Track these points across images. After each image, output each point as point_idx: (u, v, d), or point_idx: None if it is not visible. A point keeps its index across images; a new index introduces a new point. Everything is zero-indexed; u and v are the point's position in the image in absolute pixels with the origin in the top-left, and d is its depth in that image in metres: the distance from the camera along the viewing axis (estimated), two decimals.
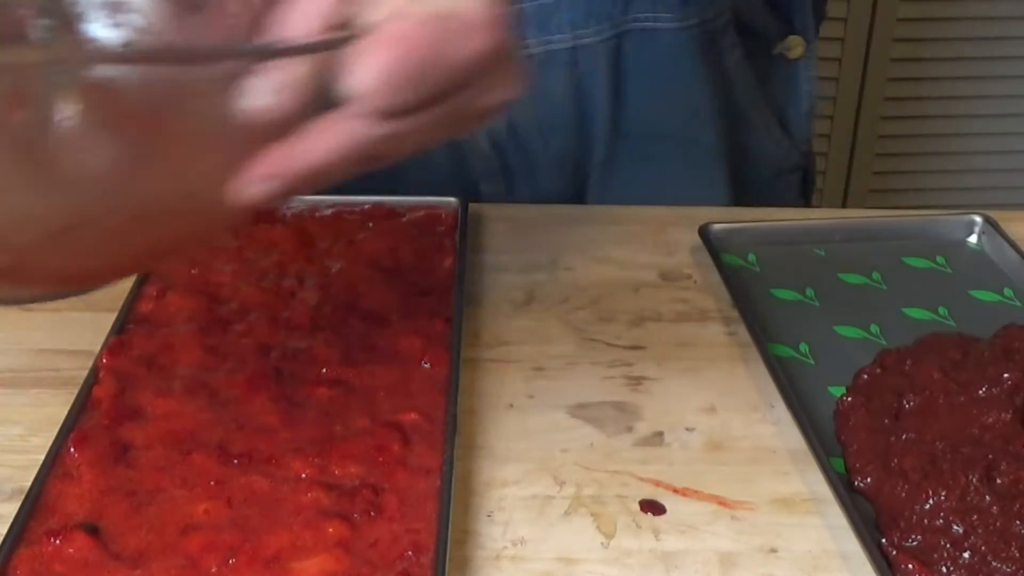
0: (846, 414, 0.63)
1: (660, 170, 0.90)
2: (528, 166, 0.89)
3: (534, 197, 0.89)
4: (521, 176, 0.89)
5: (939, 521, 0.54)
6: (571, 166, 0.90)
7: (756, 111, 0.92)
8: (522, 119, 0.86)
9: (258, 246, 0.77)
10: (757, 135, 0.93)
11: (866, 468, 0.59)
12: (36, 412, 0.64)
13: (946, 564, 0.53)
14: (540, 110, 0.86)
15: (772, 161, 0.95)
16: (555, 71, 0.85)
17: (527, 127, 0.87)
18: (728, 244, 0.80)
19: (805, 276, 0.77)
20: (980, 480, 0.55)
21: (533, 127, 0.87)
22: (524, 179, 0.89)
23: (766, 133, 0.93)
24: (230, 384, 0.63)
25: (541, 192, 0.90)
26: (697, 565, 0.55)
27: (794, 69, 0.93)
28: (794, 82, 0.93)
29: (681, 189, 0.89)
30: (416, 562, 0.52)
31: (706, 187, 0.91)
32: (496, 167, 0.89)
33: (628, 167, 0.89)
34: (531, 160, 0.88)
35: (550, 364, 0.69)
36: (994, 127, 2.08)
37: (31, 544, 0.53)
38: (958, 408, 0.61)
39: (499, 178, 0.89)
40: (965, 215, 0.82)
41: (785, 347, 0.70)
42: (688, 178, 0.90)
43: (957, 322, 0.72)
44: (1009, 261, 0.78)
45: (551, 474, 0.60)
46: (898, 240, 0.81)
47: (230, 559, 0.52)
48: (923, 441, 0.59)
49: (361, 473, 0.57)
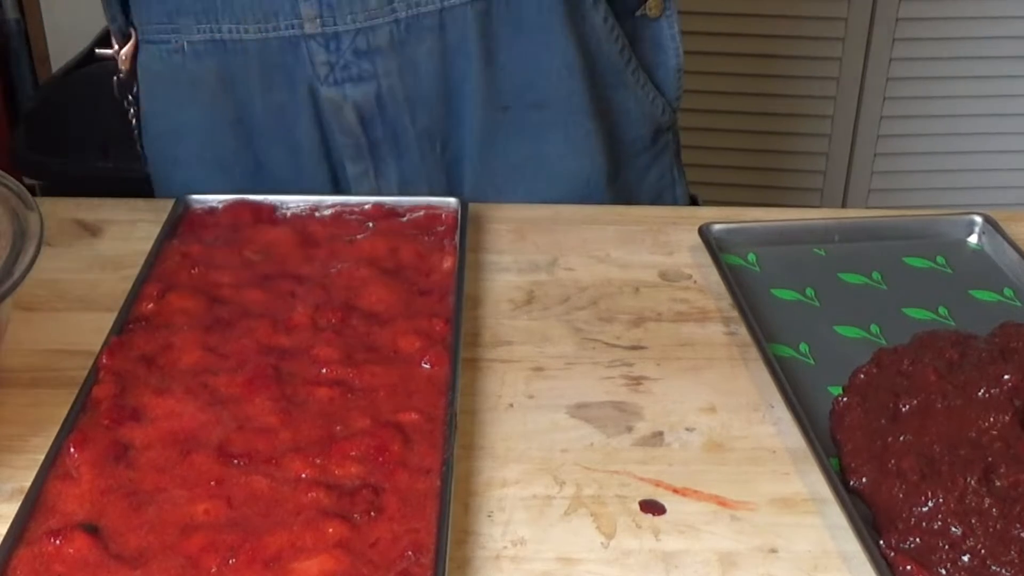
0: (842, 414, 0.63)
1: (538, 140, 0.89)
2: (395, 143, 0.87)
3: (401, 180, 0.89)
4: (388, 154, 0.88)
5: (937, 523, 0.54)
6: (440, 143, 0.88)
7: (628, 71, 0.91)
8: (389, 92, 0.85)
9: (258, 246, 0.77)
10: (633, 94, 0.92)
11: (862, 468, 0.59)
12: (36, 412, 0.64)
13: (945, 567, 0.53)
14: (407, 81, 0.85)
15: (649, 120, 0.94)
16: (422, 38, 0.83)
17: (394, 99, 0.85)
18: (728, 244, 0.79)
19: (805, 276, 0.77)
20: (979, 482, 0.55)
21: (400, 100, 0.85)
22: (391, 158, 0.88)
23: (641, 92, 0.93)
24: (230, 384, 0.63)
25: (409, 174, 0.89)
26: (697, 565, 0.55)
27: (659, 28, 0.93)
28: (659, 40, 0.93)
29: (560, 159, 0.89)
30: (416, 562, 0.52)
31: (585, 155, 0.90)
32: (363, 144, 0.87)
33: (504, 140, 0.88)
34: (398, 137, 0.87)
35: (550, 364, 0.69)
36: (994, 127, 2.08)
37: (31, 544, 0.53)
38: (956, 411, 0.61)
39: (366, 157, 0.88)
40: (965, 215, 0.82)
41: (785, 347, 0.70)
42: (567, 147, 0.90)
43: (957, 322, 0.72)
44: (1009, 261, 0.78)
45: (551, 474, 0.60)
46: (898, 240, 0.81)
47: (230, 559, 0.52)
48: (921, 443, 0.59)
49: (361, 473, 0.57)
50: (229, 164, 0.89)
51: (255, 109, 0.87)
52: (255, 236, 0.78)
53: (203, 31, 0.84)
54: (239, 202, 0.81)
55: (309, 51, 0.84)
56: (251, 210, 0.80)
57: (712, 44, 1.94)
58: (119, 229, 0.83)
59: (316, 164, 0.88)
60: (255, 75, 0.85)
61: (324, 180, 0.89)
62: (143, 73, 0.90)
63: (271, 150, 0.88)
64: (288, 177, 0.88)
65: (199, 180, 0.89)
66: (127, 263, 0.77)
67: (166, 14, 0.85)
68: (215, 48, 0.85)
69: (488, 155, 0.89)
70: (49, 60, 2.04)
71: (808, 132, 2.09)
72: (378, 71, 0.84)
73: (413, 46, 0.84)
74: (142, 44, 0.88)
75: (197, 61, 0.86)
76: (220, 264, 0.75)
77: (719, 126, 2.03)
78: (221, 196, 0.82)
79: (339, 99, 0.85)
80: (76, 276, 0.77)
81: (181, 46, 0.85)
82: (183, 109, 0.89)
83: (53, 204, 0.86)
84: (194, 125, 0.89)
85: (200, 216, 0.80)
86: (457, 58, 0.85)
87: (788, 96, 2.05)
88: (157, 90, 0.90)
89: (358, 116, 0.86)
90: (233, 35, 0.84)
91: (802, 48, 2.00)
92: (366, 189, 0.89)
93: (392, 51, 0.83)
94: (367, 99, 0.85)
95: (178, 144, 0.91)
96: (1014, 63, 2.02)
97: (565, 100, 0.88)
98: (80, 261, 0.79)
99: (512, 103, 0.87)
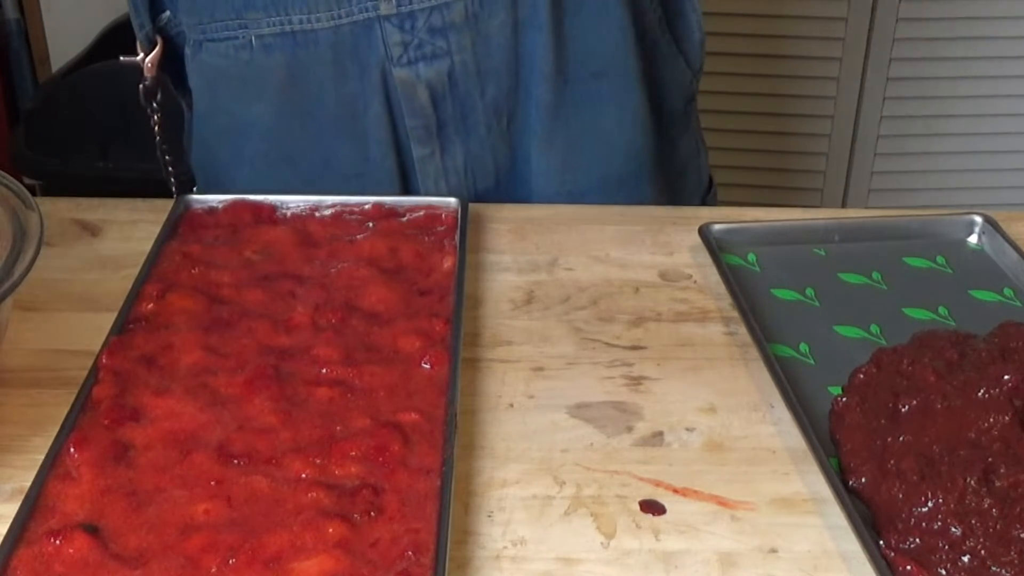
0: (841, 414, 0.63)
1: (595, 112, 0.90)
2: (463, 120, 0.88)
3: (467, 158, 0.89)
4: (456, 133, 0.88)
5: (937, 524, 0.54)
6: (506, 116, 0.88)
7: (664, 40, 0.93)
8: (461, 68, 0.85)
9: (258, 246, 0.77)
10: (668, 64, 0.94)
11: (861, 468, 0.59)
12: (36, 412, 0.64)
13: (945, 567, 0.53)
14: (479, 56, 0.85)
15: (680, 90, 0.96)
16: (495, 12, 0.84)
17: (466, 74, 0.86)
18: (728, 244, 0.79)
19: (805, 276, 0.77)
20: (979, 483, 0.55)
21: (472, 75, 0.86)
22: (458, 136, 0.88)
23: (674, 62, 0.94)
24: (230, 384, 0.63)
25: (475, 151, 0.89)
26: (697, 565, 0.55)
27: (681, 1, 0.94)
28: (684, 13, 0.94)
29: (615, 131, 0.90)
30: (416, 562, 0.52)
31: (637, 126, 0.91)
32: (432, 124, 0.87)
33: (566, 112, 0.89)
34: (466, 114, 0.87)
35: (550, 364, 0.69)
36: (994, 127, 2.08)
37: (31, 544, 0.53)
38: (956, 411, 0.61)
39: (433, 138, 0.88)
40: (965, 215, 0.82)
41: (785, 347, 0.70)
42: (621, 118, 0.90)
43: (957, 322, 0.72)
44: (1009, 261, 0.78)
45: (551, 474, 0.60)
46: (898, 240, 0.81)
47: (230, 559, 0.52)
48: (920, 444, 0.59)
49: (361, 473, 0.57)
50: (296, 159, 0.89)
51: (325, 100, 0.86)
52: (255, 236, 0.78)
53: (273, 24, 0.84)
54: (239, 202, 0.81)
55: (384, 33, 0.83)
56: (251, 210, 0.80)
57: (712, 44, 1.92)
58: (119, 229, 0.83)
59: (383, 152, 0.88)
60: (326, 65, 0.85)
61: (391, 167, 0.89)
62: (201, 72, 0.89)
63: (338, 142, 0.88)
64: (355, 169, 0.88)
65: (264, 177, 0.89)
66: (127, 263, 0.77)
67: (233, 10, 0.85)
68: (284, 41, 0.85)
69: (553, 128, 0.89)
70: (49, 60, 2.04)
71: (808, 132, 2.09)
72: (451, 48, 0.84)
73: (485, 20, 0.84)
74: (203, 43, 0.87)
75: (266, 55, 0.85)
76: (220, 264, 0.75)
77: (719, 126, 2.03)
78: (221, 196, 0.82)
79: (412, 79, 0.85)
80: (76, 276, 0.77)
81: (248, 41, 0.85)
82: (248, 106, 0.88)
83: (53, 204, 0.86)
84: (260, 122, 0.89)
85: (200, 216, 0.80)
86: (528, 30, 0.85)
87: (788, 96, 2.05)
88: (219, 88, 0.89)
89: (430, 95, 0.86)
90: (304, 25, 0.84)
91: (802, 48, 2.00)
92: (431, 171, 0.89)
93: (466, 26, 0.84)
94: (440, 77, 0.85)
95: (242, 142, 0.90)
96: (1014, 63, 2.02)
97: (620, 70, 0.89)
98: (80, 261, 0.79)
99: (574, 74, 0.88)
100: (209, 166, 0.94)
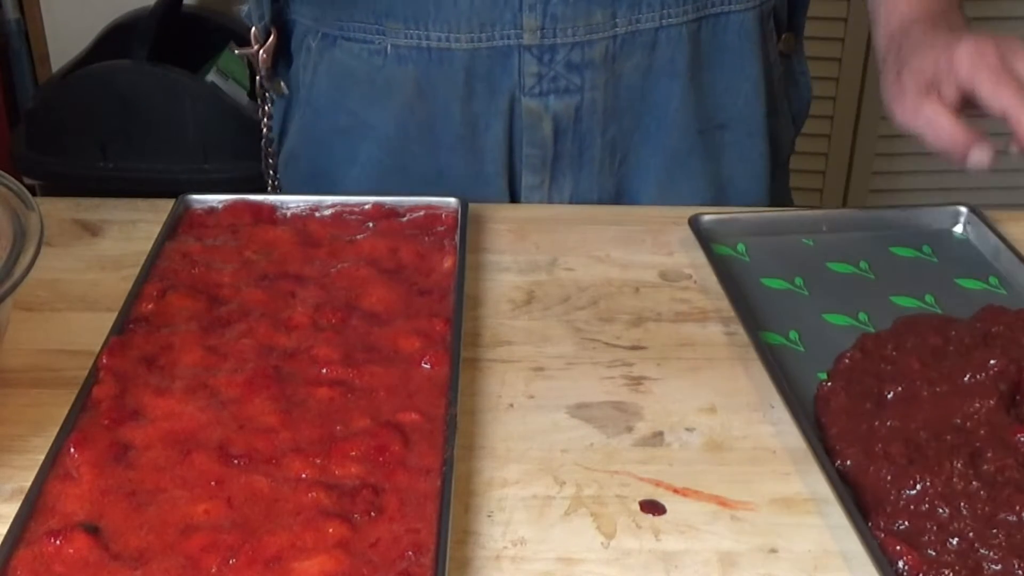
0: (827, 398, 0.63)
1: (717, 161, 0.90)
2: (579, 155, 0.88)
3: (575, 192, 0.89)
4: (569, 166, 0.88)
5: (925, 506, 0.55)
6: (620, 155, 0.89)
7: (781, 97, 0.94)
8: (590, 104, 0.86)
9: (258, 246, 0.77)
10: (782, 120, 0.95)
11: (847, 451, 0.59)
12: (36, 412, 0.64)
13: (934, 548, 0.53)
14: (608, 95, 0.86)
15: (785, 148, 0.98)
16: (632, 54, 0.85)
17: (593, 111, 0.86)
18: (718, 234, 0.80)
19: (794, 265, 0.78)
20: (965, 466, 0.56)
21: (599, 112, 0.86)
22: (571, 170, 0.88)
23: (785, 121, 0.96)
24: (230, 384, 0.63)
25: (584, 186, 0.89)
26: (697, 565, 0.55)
27: (790, 63, 0.95)
28: (792, 75, 0.96)
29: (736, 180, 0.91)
30: (416, 562, 0.52)
31: (758, 178, 0.92)
32: (548, 156, 0.88)
33: (690, 159, 0.89)
34: (583, 149, 0.88)
35: (550, 364, 0.69)
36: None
37: (31, 544, 0.53)
38: (941, 397, 0.61)
39: (547, 169, 0.88)
40: (950, 206, 0.83)
41: (776, 335, 0.70)
42: (742, 169, 0.91)
43: (943, 309, 0.73)
44: (994, 250, 0.79)
45: (551, 474, 0.60)
46: (885, 230, 0.82)
47: (230, 559, 0.52)
48: (907, 429, 0.60)
49: (361, 473, 0.57)
50: (410, 169, 0.89)
51: (449, 118, 0.87)
52: (255, 236, 0.78)
53: (411, 36, 0.84)
54: (239, 202, 0.81)
55: (521, 62, 0.84)
56: (251, 210, 0.80)
57: None
58: (119, 229, 0.83)
59: (496, 174, 0.89)
60: (456, 85, 0.85)
61: (500, 188, 0.89)
62: (329, 69, 0.89)
63: (454, 157, 0.88)
64: (465, 186, 0.87)
65: (374, 181, 0.89)
66: (127, 263, 0.77)
67: (373, 15, 0.85)
68: (419, 55, 0.85)
69: (675, 173, 0.90)
70: (49, 60, 2.04)
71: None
72: (584, 84, 0.85)
73: (622, 61, 0.85)
74: (337, 40, 0.87)
75: (399, 66, 0.86)
76: (220, 264, 0.75)
77: None
78: (221, 196, 0.82)
79: (540, 110, 0.86)
80: (76, 276, 0.77)
81: (384, 48, 0.85)
82: (371, 110, 0.88)
83: (53, 204, 0.86)
84: (381, 128, 0.89)
85: (200, 216, 0.80)
86: (661, 77, 0.86)
87: None
88: (346, 87, 0.89)
89: (553, 128, 0.87)
90: (441, 43, 0.84)
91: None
92: (536, 199, 0.90)
93: (603, 66, 0.85)
94: (567, 111, 0.86)
95: (358, 143, 0.90)
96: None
97: (746, 122, 0.90)
98: (80, 261, 0.79)
99: (704, 124, 0.89)
100: (314, 159, 0.94)
